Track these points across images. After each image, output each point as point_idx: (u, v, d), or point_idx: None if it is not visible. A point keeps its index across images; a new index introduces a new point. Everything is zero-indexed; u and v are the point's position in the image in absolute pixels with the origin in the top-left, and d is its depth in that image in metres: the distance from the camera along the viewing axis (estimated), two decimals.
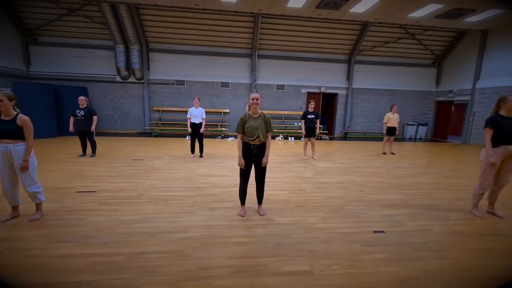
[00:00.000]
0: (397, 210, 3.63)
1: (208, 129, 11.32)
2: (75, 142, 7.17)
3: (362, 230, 3.00)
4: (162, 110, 11.77)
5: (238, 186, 3.30)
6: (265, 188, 3.40)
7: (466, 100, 11.43)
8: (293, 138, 11.37)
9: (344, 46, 11.96)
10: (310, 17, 10.03)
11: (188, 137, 10.60)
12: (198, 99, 6.99)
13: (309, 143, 7.01)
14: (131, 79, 11.48)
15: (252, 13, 9.81)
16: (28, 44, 10.89)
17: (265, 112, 3.31)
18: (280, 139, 11.16)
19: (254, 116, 3.13)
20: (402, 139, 12.70)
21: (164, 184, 4.42)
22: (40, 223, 2.92)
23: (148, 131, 11.32)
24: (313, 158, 6.98)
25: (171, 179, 4.75)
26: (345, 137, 12.65)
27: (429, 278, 2.17)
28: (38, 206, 3.04)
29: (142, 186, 4.27)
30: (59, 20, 10.33)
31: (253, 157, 3.16)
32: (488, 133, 3.24)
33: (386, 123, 8.07)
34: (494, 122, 3.21)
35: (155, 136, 10.99)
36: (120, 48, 10.76)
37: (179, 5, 9.23)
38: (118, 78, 11.37)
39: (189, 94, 11.82)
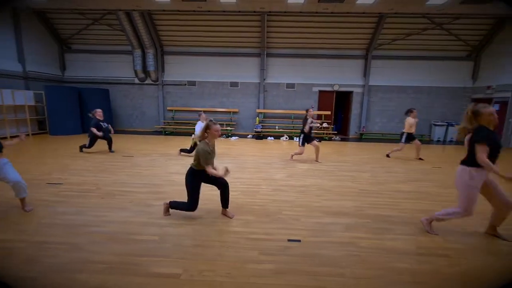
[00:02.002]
0: (339, 218, 3.31)
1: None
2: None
3: (278, 237, 2.81)
4: (175, 110, 12.37)
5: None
6: (216, 188, 3.29)
7: (507, 97, 9.79)
8: (298, 138, 10.97)
9: (359, 41, 11.16)
10: (316, 12, 9.58)
11: (194, 136, 10.99)
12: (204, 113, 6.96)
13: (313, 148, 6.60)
14: (148, 81, 12.28)
15: (255, 11, 9.74)
16: (63, 52, 12.36)
17: (275, 111, 3.29)
18: (285, 139, 10.89)
19: (211, 146, 3.04)
20: (429, 141, 11.40)
21: (127, 180, 4.67)
22: None
23: (159, 130, 11.99)
24: (317, 161, 6.61)
25: (140, 175, 5.00)
26: (360, 138, 11.81)
27: None
28: None
29: (105, 181, 4.57)
30: (86, 29, 11.52)
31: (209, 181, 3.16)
32: (484, 151, 2.51)
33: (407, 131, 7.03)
34: (490, 138, 2.52)
35: (166, 134, 11.60)
36: (137, 52, 11.57)
37: (183, 9, 9.60)
38: (136, 80, 12.26)
39: (200, 94, 12.21)
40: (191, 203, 3.06)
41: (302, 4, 8.78)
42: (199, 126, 6.49)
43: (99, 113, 6.80)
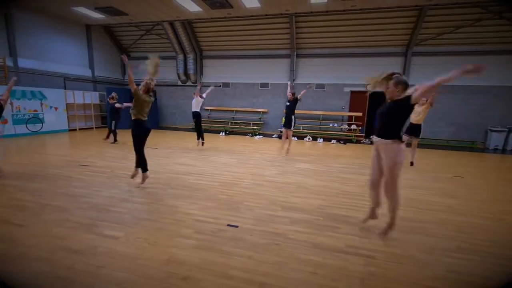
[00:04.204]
0: (292, 213, 3.42)
1: (242, 127, 12.17)
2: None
3: (221, 222, 3.12)
4: (210, 110, 13.39)
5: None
6: (204, 179, 3.99)
7: None
8: (322, 139, 10.75)
9: (397, 37, 10.32)
10: (343, 10, 9.27)
11: (222, 134, 11.79)
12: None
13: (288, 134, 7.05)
14: (188, 83, 13.60)
15: (281, 14, 9.94)
16: None
17: (302, 112, 3.87)
18: (308, 139, 10.77)
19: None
20: (483, 149, 9.85)
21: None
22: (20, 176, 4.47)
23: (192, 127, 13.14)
24: (286, 153, 6.97)
25: (151, 164, 5.81)
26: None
27: (210, 269, 2.27)
28: None
29: (121, 166, 5.50)
30: (141, 39, 13.41)
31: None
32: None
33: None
34: None
35: None
36: (180, 57, 12.95)
37: (215, 16, 10.41)
38: (178, 82, 13.71)
39: (233, 95, 12.96)
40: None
41: (326, 3, 8.65)
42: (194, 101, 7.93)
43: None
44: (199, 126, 8.04)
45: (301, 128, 11.63)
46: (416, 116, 6.00)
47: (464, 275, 2.30)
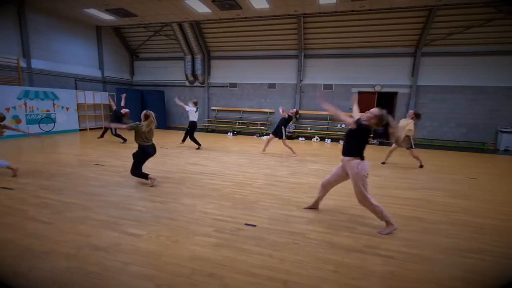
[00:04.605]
0: (308, 213, 3.47)
1: (250, 127, 12.23)
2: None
3: (238, 221, 3.18)
4: (218, 110, 13.48)
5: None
6: (217, 179, 4.36)
7: None
8: (330, 140, 10.76)
9: (407, 37, 10.29)
10: (352, 11, 9.28)
11: (230, 134, 11.86)
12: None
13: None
14: (196, 84, 13.71)
15: (289, 15, 9.98)
16: (133, 60, 14.79)
17: (310, 112, 3.98)
18: (315, 140, 10.79)
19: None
20: (494, 150, 9.76)
21: (150, 166, 5.55)
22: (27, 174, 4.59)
23: (202, 127, 13.26)
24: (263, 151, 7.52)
25: (163, 163, 5.91)
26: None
27: (232, 266, 2.34)
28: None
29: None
30: (149, 40, 13.56)
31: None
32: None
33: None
34: None
35: (208, 131, 12.78)
36: (188, 58, 13.07)
37: (224, 17, 10.49)
38: (186, 83, 13.83)
39: (240, 95, 13.04)
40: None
41: (335, 4, 8.67)
42: (188, 108, 7.88)
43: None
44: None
45: (308, 128, 11.66)
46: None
47: (480, 275, 2.32)
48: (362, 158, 2.98)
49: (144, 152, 4.38)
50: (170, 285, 2.06)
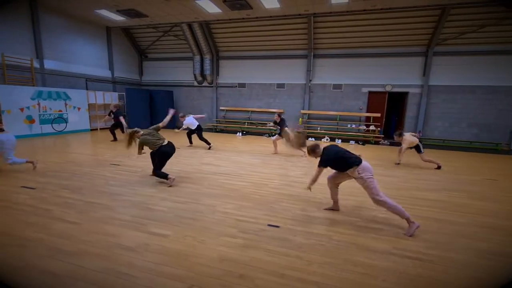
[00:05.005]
0: (329, 214, 3.46)
1: (259, 127, 12.23)
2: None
3: (261, 222, 3.18)
4: (226, 110, 13.51)
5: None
6: (233, 179, 4.50)
7: None
8: (340, 140, 10.71)
9: (418, 37, 10.17)
10: (364, 10, 9.21)
11: (239, 134, 11.90)
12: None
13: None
14: (205, 84, 13.76)
15: (299, 14, 9.95)
16: (142, 60, 14.89)
17: (319, 112, 3.96)
18: (326, 140, 10.75)
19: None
20: (508, 151, 9.61)
21: (166, 166, 5.63)
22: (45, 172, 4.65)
23: (211, 127, 13.30)
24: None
25: (178, 163, 5.93)
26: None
27: (261, 267, 2.34)
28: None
29: (150, 165, 5.62)
30: (159, 40, 13.63)
31: None
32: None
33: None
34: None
35: (216, 131, 12.81)
36: (197, 58, 13.11)
37: (234, 17, 10.50)
38: (195, 83, 13.88)
39: (249, 95, 13.04)
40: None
41: (347, 3, 8.61)
42: (191, 120, 7.78)
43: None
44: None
45: (318, 128, 11.61)
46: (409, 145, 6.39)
47: None
48: (358, 164, 3.13)
49: (163, 152, 4.40)
50: (202, 286, 2.07)
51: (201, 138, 7.96)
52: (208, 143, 7.95)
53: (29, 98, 8.95)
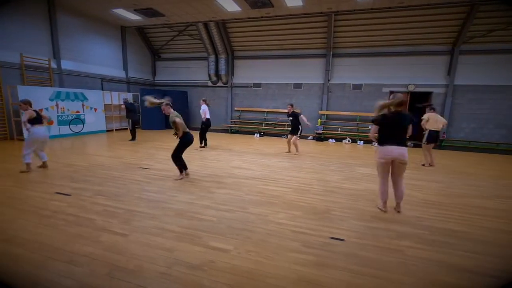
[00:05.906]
0: (391, 225, 3.20)
1: (276, 128, 11.98)
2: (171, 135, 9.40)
3: (321, 234, 2.94)
4: (241, 110, 13.27)
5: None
6: (271, 184, 4.27)
7: None
8: (362, 142, 10.42)
9: (444, 35, 9.85)
10: (389, 7, 8.91)
11: (257, 135, 11.66)
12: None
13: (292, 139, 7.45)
14: (219, 84, 13.54)
15: (321, 12, 9.68)
16: (155, 60, 14.72)
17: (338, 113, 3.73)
18: (347, 141, 10.46)
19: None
20: None
21: (196, 170, 5.41)
22: (68, 175, 4.44)
23: (226, 128, 13.07)
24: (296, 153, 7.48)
25: (206, 166, 5.72)
26: (439, 145, 10.38)
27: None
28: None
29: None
30: (173, 40, 13.45)
31: None
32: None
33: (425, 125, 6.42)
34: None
35: (232, 132, 12.58)
36: (212, 58, 12.90)
37: (253, 16, 10.25)
38: (209, 83, 13.67)
39: (265, 95, 12.79)
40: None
41: (372, 0, 8.33)
42: (204, 107, 7.86)
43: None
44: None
45: (339, 130, 11.33)
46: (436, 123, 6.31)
47: None
48: (380, 144, 3.54)
49: (189, 140, 4.67)
50: None
51: (203, 134, 7.93)
52: (205, 144, 7.99)
53: (48, 99, 8.80)
